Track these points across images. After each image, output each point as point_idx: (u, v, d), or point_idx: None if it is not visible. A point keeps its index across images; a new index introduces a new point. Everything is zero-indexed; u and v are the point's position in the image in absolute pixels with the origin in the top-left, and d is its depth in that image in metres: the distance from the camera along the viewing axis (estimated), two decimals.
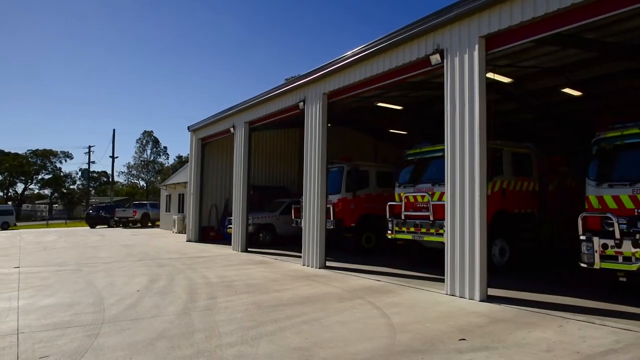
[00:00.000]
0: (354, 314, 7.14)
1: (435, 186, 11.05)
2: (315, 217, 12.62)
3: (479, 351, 5.33)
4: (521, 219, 11.51)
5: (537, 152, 12.20)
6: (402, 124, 21.06)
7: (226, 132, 18.71)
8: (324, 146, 12.61)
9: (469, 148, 8.43)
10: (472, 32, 8.53)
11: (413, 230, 11.50)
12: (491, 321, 6.68)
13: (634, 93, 14.01)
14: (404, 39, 9.88)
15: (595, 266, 7.72)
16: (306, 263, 12.79)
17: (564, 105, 16.07)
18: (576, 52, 11.38)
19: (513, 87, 14.51)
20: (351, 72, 11.60)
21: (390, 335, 5.99)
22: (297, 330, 6.26)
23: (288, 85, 14.28)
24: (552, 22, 7.51)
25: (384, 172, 15.65)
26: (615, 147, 8.31)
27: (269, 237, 18.65)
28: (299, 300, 8.25)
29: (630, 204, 7.58)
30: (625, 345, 5.51)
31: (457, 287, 8.45)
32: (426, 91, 14.57)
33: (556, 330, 6.18)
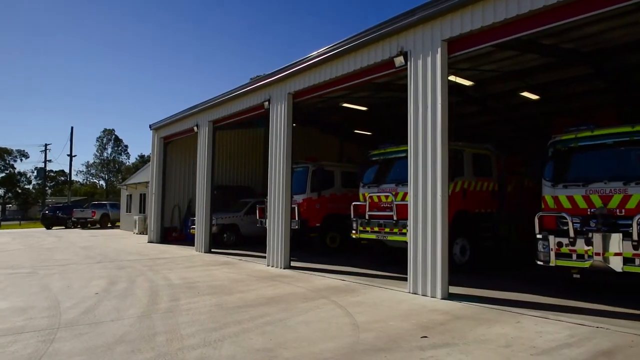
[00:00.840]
0: (318, 314, 7.15)
1: (399, 186, 11.20)
2: (280, 217, 12.57)
3: (440, 348, 5.43)
4: (481, 218, 11.81)
5: (497, 154, 12.54)
6: (367, 124, 21.25)
7: (189, 131, 18.41)
8: (289, 146, 12.58)
9: (431, 149, 8.59)
10: (435, 36, 8.69)
11: (377, 230, 11.61)
12: (452, 318, 6.83)
13: (588, 98, 14.63)
14: (368, 40, 9.97)
15: (550, 264, 8.01)
16: (271, 263, 12.72)
17: (523, 108, 16.59)
18: (535, 57, 11.76)
19: (474, 90, 14.87)
20: (317, 72, 11.62)
21: (354, 334, 6.03)
22: (261, 331, 6.22)
23: (253, 85, 14.17)
24: (511, 27, 7.74)
25: (349, 172, 15.74)
26: (570, 149, 8.65)
27: (233, 238, 18.46)
28: (263, 301, 8.20)
29: (584, 203, 7.91)
30: (579, 340, 5.74)
31: (419, 285, 8.60)
32: (391, 92, 14.75)
33: (514, 326, 6.37)
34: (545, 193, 8.54)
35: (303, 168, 15.11)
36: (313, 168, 15.03)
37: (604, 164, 8.05)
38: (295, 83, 12.40)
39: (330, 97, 14.90)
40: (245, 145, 23.27)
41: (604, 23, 9.56)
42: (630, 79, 13.12)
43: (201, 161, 17.18)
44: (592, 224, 7.64)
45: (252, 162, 23.33)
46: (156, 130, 21.62)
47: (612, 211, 7.53)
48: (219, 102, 15.97)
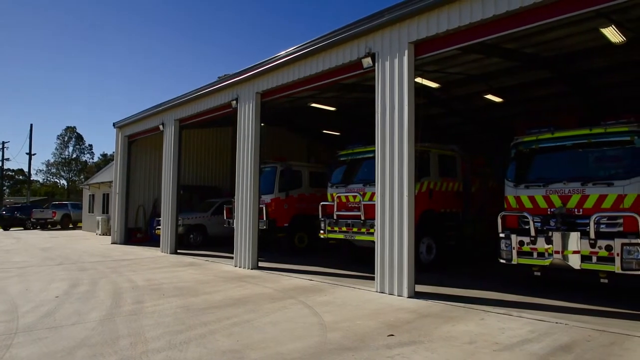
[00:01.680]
0: (285, 314, 7.13)
1: (367, 186, 11.29)
2: (247, 217, 12.47)
3: (406, 346, 5.50)
4: (447, 218, 12.04)
5: (462, 155, 12.81)
6: (335, 125, 21.34)
7: (155, 129, 18.04)
8: (257, 146, 12.50)
9: (398, 149, 8.69)
10: (402, 38, 8.80)
11: (345, 230, 11.68)
12: (418, 316, 6.93)
13: (550, 101, 15.12)
14: (337, 41, 10.01)
15: (513, 262, 8.25)
16: (238, 264, 12.61)
17: (487, 110, 17.01)
18: (498, 61, 12.07)
19: (440, 92, 15.15)
20: (285, 72, 11.58)
21: (322, 333, 6.04)
22: (228, 332, 6.16)
23: (220, 84, 14.01)
24: (476, 31, 7.92)
25: (317, 172, 15.78)
26: (531, 151, 8.92)
27: (200, 238, 18.20)
28: (230, 302, 8.11)
29: (544, 203, 8.16)
30: (539, 335, 5.92)
31: (386, 284, 8.69)
32: (359, 93, 14.86)
33: (478, 323, 6.52)
34: (508, 193, 8.77)
35: (271, 168, 15.05)
36: (281, 168, 14.99)
37: (563, 165, 8.34)
38: (263, 82, 12.33)
39: (299, 97, 14.89)
40: (213, 144, 22.99)
41: (564, 29, 9.90)
42: (590, 83, 13.63)
43: (167, 160, 16.87)
44: (552, 223, 7.89)
45: (220, 162, 23.07)
46: (120, 129, 21.10)
47: (571, 211, 7.81)
48: (186, 101, 15.72)
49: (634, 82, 13.21)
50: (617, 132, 7.85)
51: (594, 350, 5.33)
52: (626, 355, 5.15)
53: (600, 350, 5.30)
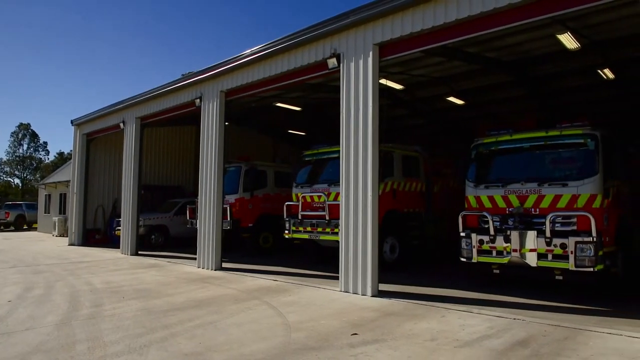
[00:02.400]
0: (249, 315, 7.07)
1: (331, 186, 11.33)
2: (211, 217, 12.30)
3: (370, 344, 5.55)
4: (410, 218, 12.23)
5: (425, 155, 13.04)
6: (301, 124, 21.34)
7: (115, 127, 17.54)
8: (221, 145, 12.35)
9: (362, 150, 8.77)
10: (367, 39, 8.88)
11: (310, 230, 11.70)
12: (382, 315, 7.01)
13: (510, 104, 15.58)
14: (302, 41, 10.00)
15: (473, 260, 8.46)
16: (201, 265, 12.42)
17: (449, 112, 17.39)
18: (460, 64, 12.36)
19: (404, 93, 15.38)
20: (250, 70, 11.49)
21: (286, 334, 6.03)
22: (190, 335, 6.05)
23: (184, 81, 13.77)
24: (439, 35, 8.08)
25: (282, 172, 15.73)
26: (491, 152, 9.17)
27: (162, 239, 17.80)
28: (192, 303, 7.98)
29: (503, 203, 8.41)
30: (498, 331, 6.09)
31: (350, 284, 8.74)
32: (324, 93, 14.90)
33: (439, 321, 6.65)
34: (468, 193, 8.99)
35: (236, 167, 14.91)
36: (246, 168, 14.87)
37: (521, 166, 8.61)
38: (228, 81, 12.19)
39: (264, 96, 14.81)
40: (176, 143, 22.54)
41: (523, 35, 10.24)
42: (546, 87, 14.13)
43: (127, 159, 16.44)
44: (510, 222, 8.14)
45: (183, 161, 22.65)
46: (78, 126, 20.42)
47: (528, 210, 8.07)
48: (148, 98, 15.36)
49: (588, 87, 13.80)
50: (571, 134, 8.17)
51: (549, 344, 5.52)
52: (579, 348, 5.36)
53: (555, 345, 5.50)
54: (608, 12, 8.75)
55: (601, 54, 11.28)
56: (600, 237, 7.27)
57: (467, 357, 5.12)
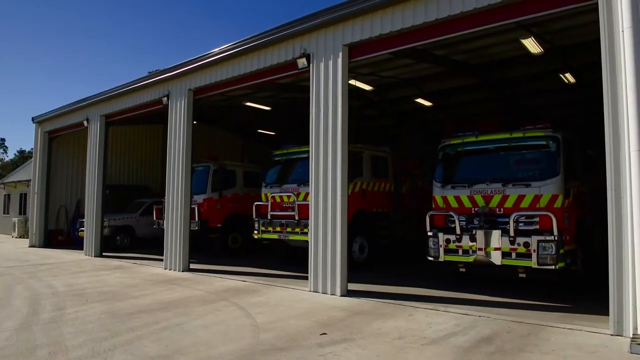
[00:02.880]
0: (217, 317, 6.99)
1: (301, 186, 11.32)
2: (178, 217, 12.10)
3: (338, 344, 5.57)
4: (379, 217, 12.34)
5: (393, 156, 13.19)
6: (270, 124, 21.23)
7: (79, 125, 17.03)
8: (189, 144, 12.16)
9: (332, 150, 8.79)
10: (337, 40, 8.91)
11: (279, 230, 11.66)
12: (350, 314, 7.04)
13: (476, 106, 15.91)
14: (272, 40, 9.95)
15: (440, 259, 8.61)
16: (168, 266, 12.21)
17: (418, 113, 17.63)
18: (429, 66, 12.54)
19: (374, 94, 15.50)
20: (219, 69, 11.36)
21: (254, 335, 5.98)
22: (157, 337, 5.94)
23: (151, 79, 13.50)
24: (407, 37, 8.19)
25: (252, 172, 15.62)
26: (457, 153, 9.35)
27: (128, 240, 17.40)
28: (159, 305, 7.83)
29: (469, 203, 8.58)
30: (464, 328, 6.21)
31: (319, 283, 8.76)
32: (294, 93, 14.88)
33: (407, 319, 6.73)
34: (436, 193, 9.13)
35: (204, 167, 14.71)
36: (214, 167, 14.70)
37: (486, 167, 8.81)
38: (197, 79, 12.02)
39: (233, 95, 14.67)
40: (143, 142, 22.07)
41: (488, 39, 10.48)
42: (512, 90, 14.51)
43: (92, 158, 15.99)
44: (476, 221, 8.31)
45: (150, 160, 22.18)
46: (40, 124, 19.74)
47: (493, 210, 8.25)
48: (113, 96, 14.98)
49: (550, 91, 14.24)
50: (534, 136, 8.41)
51: (513, 340, 5.67)
52: (541, 344, 5.52)
53: (518, 341, 5.65)
54: (568, 19, 9.06)
55: (562, 59, 11.67)
56: (561, 236, 7.51)
57: (433, 354, 5.20)
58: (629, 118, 5.67)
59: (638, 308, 5.46)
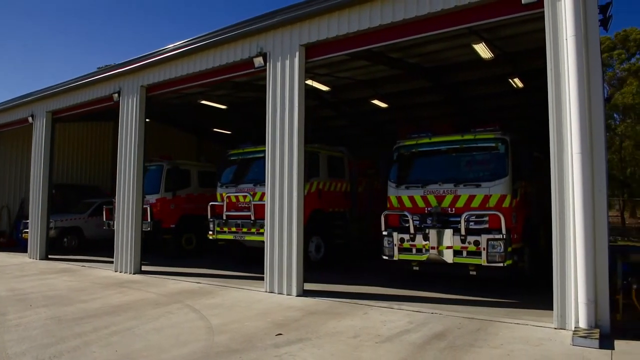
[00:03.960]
0: (170, 320, 6.83)
1: (257, 186, 11.23)
2: (130, 218, 11.73)
3: (294, 344, 5.57)
4: (335, 217, 12.43)
5: (349, 156, 13.31)
6: (226, 123, 20.95)
7: (23, 121, 16.18)
8: (141, 142, 11.82)
9: (288, 150, 8.77)
10: (294, 40, 8.90)
11: (235, 230, 11.53)
12: (306, 314, 7.05)
13: (430, 108, 16.29)
14: (229, 38, 9.82)
15: (394, 258, 8.76)
16: (119, 269, 11.82)
17: (374, 114, 17.85)
18: (384, 69, 12.72)
19: (330, 95, 15.57)
20: (173, 66, 11.09)
21: (209, 337, 5.88)
22: (106, 342, 5.73)
23: (101, 74, 13.02)
24: (363, 39, 8.28)
25: (207, 171, 15.37)
26: (412, 154, 9.55)
27: (76, 242, 16.70)
28: (109, 309, 7.56)
29: (422, 203, 8.77)
30: (417, 325, 6.34)
31: (275, 284, 8.71)
32: (251, 92, 14.75)
33: (362, 318, 6.81)
34: (390, 193, 9.29)
35: (157, 166, 14.33)
36: (168, 167, 14.35)
37: (439, 168, 9.04)
38: (149, 76, 11.69)
39: (188, 93, 14.39)
40: (92, 139, 21.22)
41: (442, 43, 10.73)
42: (465, 93, 14.94)
43: (37, 156, 15.25)
44: (429, 221, 8.51)
45: (100, 159, 21.36)
46: None
47: (445, 210, 8.48)
48: (61, 91, 14.33)
49: (500, 95, 14.76)
50: (484, 138, 8.71)
51: (464, 336, 5.84)
52: (489, 339, 5.72)
53: (469, 336, 5.83)
54: (517, 26, 9.42)
55: (512, 64, 12.12)
56: (509, 235, 7.81)
57: (388, 351, 5.29)
58: (571, 122, 5.96)
59: (580, 303, 5.75)
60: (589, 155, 5.87)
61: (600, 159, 6.03)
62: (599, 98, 6.15)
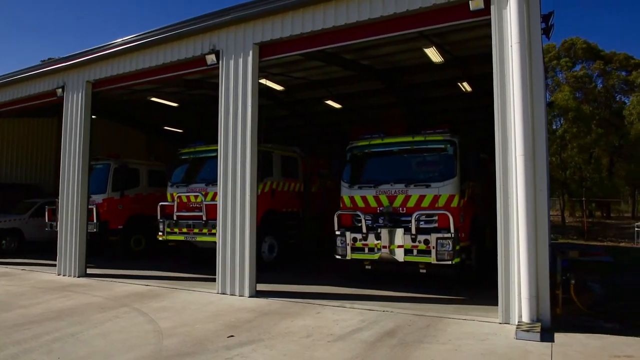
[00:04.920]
0: (117, 324, 6.60)
1: (209, 186, 11.03)
2: (74, 219, 11.24)
3: (246, 345, 5.51)
4: (289, 217, 12.40)
5: (303, 156, 13.32)
6: (177, 121, 20.48)
7: None
8: (87, 140, 11.34)
9: (241, 149, 8.68)
10: (247, 38, 8.81)
11: (186, 231, 11.30)
12: (259, 315, 7.00)
13: (382, 109, 16.55)
14: (180, 34, 9.59)
15: (347, 257, 8.85)
16: (62, 272, 11.30)
17: (327, 115, 17.96)
18: (338, 70, 12.81)
19: (285, 94, 15.54)
20: (121, 61, 10.71)
21: (158, 341, 5.73)
22: (48, 349, 5.47)
23: (43, 68, 12.38)
24: (317, 39, 8.32)
25: (157, 170, 14.96)
26: (364, 155, 9.68)
27: (15, 245, 15.80)
28: (51, 315, 7.22)
29: (374, 203, 8.91)
30: (368, 323, 6.44)
31: (227, 285, 8.60)
32: (203, 90, 14.47)
33: (315, 317, 6.83)
34: (343, 193, 9.38)
35: (104, 165, 13.81)
36: (115, 165, 13.85)
37: (391, 168, 9.21)
38: (96, 71, 11.24)
39: (138, 89, 13.94)
40: (34, 136, 20.13)
41: (394, 46, 10.94)
42: (415, 95, 15.28)
43: None
44: (381, 220, 8.66)
45: (42, 157, 20.33)
46: None
47: (397, 209, 8.65)
48: None
49: (449, 97, 15.21)
50: (434, 140, 8.95)
51: (414, 333, 5.98)
52: (438, 335, 5.88)
53: (419, 333, 5.97)
54: (465, 32, 9.73)
55: (461, 69, 12.51)
56: (457, 233, 8.06)
57: (340, 350, 5.33)
58: (515, 126, 6.22)
59: (523, 298, 6.01)
60: (532, 157, 6.16)
61: (541, 160, 6.34)
62: (541, 103, 6.46)
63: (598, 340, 5.61)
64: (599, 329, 6.16)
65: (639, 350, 5.27)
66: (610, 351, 5.23)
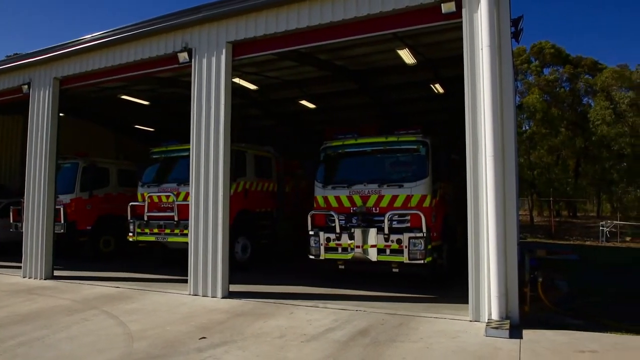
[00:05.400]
0: (85, 327, 6.45)
1: (181, 186, 10.87)
2: (40, 219, 10.91)
3: (218, 347, 5.46)
4: (262, 217, 12.33)
5: (277, 156, 13.28)
6: (149, 120, 20.14)
7: None
8: (54, 138, 11.03)
9: (213, 149, 8.59)
10: (220, 37, 8.72)
11: (157, 232, 11.12)
12: (231, 316, 6.94)
13: (356, 110, 16.64)
14: (152, 31, 9.42)
15: (321, 257, 8.88)
16: (28, 274, 10.95)
17: (301, 115, 17.97)
18: (312, 70, 12.84)
19: (258, 94, 15.46)
20: (90, 58, 10.45)
21: (127, 344, 5.62)
22: (12, 354, 5.31)
23: (9, 63, 11.99)
24: (291, 39, 8.30)
25: (127, 170, 14.65)
26: (338, 155, 9.72)
27: None
28: (16, 319, 7.00)
29: (348, 203, 8.95)
30: (341, 323, 6.46)
31: (200, 286, 8.50)
32: (176, 88, 14.28)
33: (288, 317, 6.82)
34: (317, 193, 9.39)
35: (71, 164, 13.44)
36: (84, 164, 13.50)
37: (364, 169, 9.27)
38: (64, 67, 10.94)
39: (107, 87, 13.65)
40: None
41: (368, 47, 11.02)
42: (389, 96, 15.41)
43: None
44: (354, 220, 8.71)
45: (7, 156, 19.69)
46: None
47: (370, 209, 8.71)
48: None
49: (422, 99, 15.42)
50: (407, 140, 9.05)
51: (387, 332, 6.03)
52: (411, 333, 5.95)
53: (391, 331, 6.03)
54: (438, 34, 9.89)
55: (433, 71, 12.69)
56: (429, 233, 8.17)
57: (313, 350, 5.34)
58: (485, 127, 6.35)
59: (492, 296, 6.13)
60: (501, 158, 6.29)
61: (511, 161, 6.48)
62: (511, 105, 6.61)
63: (565, 337, 5.77)
64: (566, 325, 6.34)
65: (603, 345, 5.45)
66: (576, 347, 5.39)
